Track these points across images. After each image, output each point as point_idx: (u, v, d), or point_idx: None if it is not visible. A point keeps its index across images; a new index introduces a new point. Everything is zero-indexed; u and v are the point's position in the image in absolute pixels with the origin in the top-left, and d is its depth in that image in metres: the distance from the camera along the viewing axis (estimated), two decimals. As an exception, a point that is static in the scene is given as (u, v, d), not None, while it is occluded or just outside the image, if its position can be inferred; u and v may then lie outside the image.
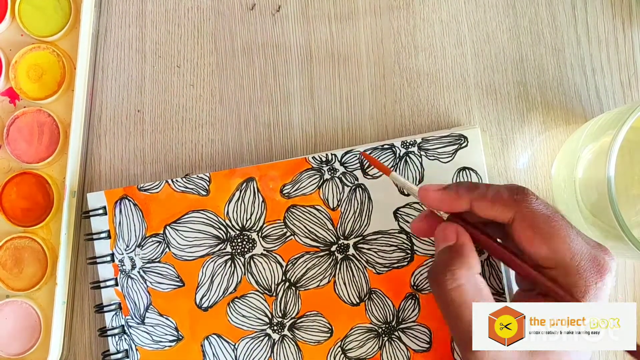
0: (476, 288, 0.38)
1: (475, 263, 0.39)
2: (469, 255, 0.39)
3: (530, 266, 0.38)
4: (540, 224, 0.37)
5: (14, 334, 0.49)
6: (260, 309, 0.48)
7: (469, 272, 0.38)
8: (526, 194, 0.38)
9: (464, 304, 0.37)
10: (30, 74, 0.51)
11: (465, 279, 0.38)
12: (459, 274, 0.38)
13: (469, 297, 0.37)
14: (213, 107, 0.52)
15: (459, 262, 0.38)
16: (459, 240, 0.39)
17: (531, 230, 0.37)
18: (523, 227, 0.37)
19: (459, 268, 0.38)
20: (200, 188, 0.49)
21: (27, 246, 0.50)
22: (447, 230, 0.40)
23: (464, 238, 0.39)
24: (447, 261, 0.39)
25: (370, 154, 0.48)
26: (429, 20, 0.51)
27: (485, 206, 0.39)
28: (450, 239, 0.40)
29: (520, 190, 0.38)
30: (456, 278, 0.38)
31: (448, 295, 0.38)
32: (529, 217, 0.37)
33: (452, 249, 0.39)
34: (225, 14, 0.53)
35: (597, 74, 0.49)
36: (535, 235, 0.37)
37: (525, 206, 0.37)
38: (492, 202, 0.38)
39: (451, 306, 0.38)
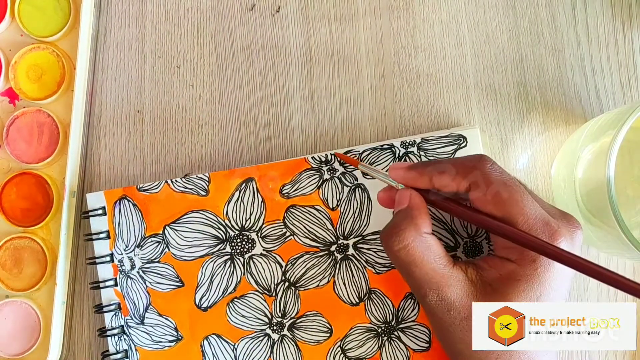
0: (425, 246, 0.39)
1: (423, 223, 0.40)
2: (416, 217, 0.40)
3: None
4: (494, 188, 0.38)
5: (13, 334, 0.49)
6: (259, 309, 0.48)
7: (416, 232, 0.39)
8: (482, 161, 0.39)
9: (412, 262, 0.39)
10: (30, 74, 0.51)
11: (411, 238, 0.39)
12: (405, 234, 0.39)
13: (416, 255, 0.39)
14: (213, 107, 0.52)
15: (405, 223, 0.40)
16: (410, 203, 0.41)
17: (485, 194, 0.38)
18: (477, 193, 0.39)
19: (405, 229, 0.39)
20: (199, 188, 0.49)
21: (26, 246, 0.50)
22: (402, 194, 0.42)
23: (416, 200, 0.41)
24: (396, 224, 0.40)
25: (370, 154, 0.48)
26: (428, 20, 0.51)
27: (444, 179, 0.40)
28: (404, 202, 0.41)
29: (476, 158, 0.40)
30: (402, 239, 0.39)
31: (397, 255, 0.39)
32: (483, 182, 0.38)
33: (403, 211, 0.41)
34: (225, 14, 0.53)
35: (597, 74, 0.50)
36: (488, 199, 0.38)
37: (479, 173, 0.39)
38: (450, 174, 0.40)
39: (401, 266, 0.40)
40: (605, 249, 0.46)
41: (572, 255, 0.35)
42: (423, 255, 0.39)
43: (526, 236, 0.37)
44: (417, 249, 0.39)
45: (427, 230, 0.40)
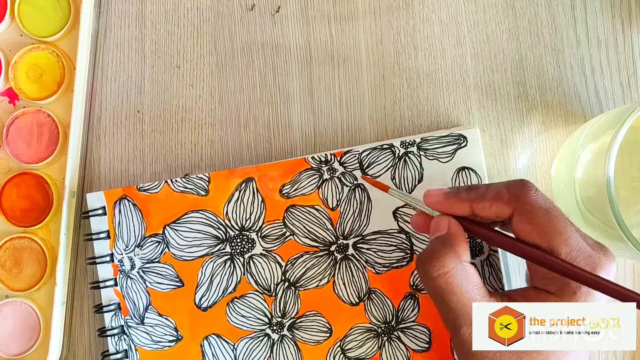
0: (464, 275, 0.38)
1: (464, 252, 0.39)
2: (457, 244, 0.39)
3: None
4: (538, 217, 0.37)
5: (13, 335, 0.49)
6: (259, 309, 0.48)
7: (456, 260, 0.38)
8: (525, 187, 0.38)
9: (450, 291, 0.38)
10: (30, 74, 0.51)
11: (451, 266, 0.38)
12: (445, 261, 0.38)
13: (455, 284, 0.37)
14: (212, 107, 0.52)
15: (445, 250, 0.38)
16: (449, 231, 0.40)
17: (529, 224, 0.37)
18: (521, 221, 0.38)
19: (445, 255, 0.38)
20: (199, 188, 0.49)
21: (26, 246, 0.50)
22: (440, 221, 0.40)
23: (455, 229, 0.40)
24: (435, 250, 0.39)
25: (370, 154, 0.48)
26: (428, 20, 0.51)
27: (484, 206, 0.39)
28: (442, 230, 0.40)
29: (519, 185, 0.38)
30: (442, 265, 0.38)
31: (434, 282, 0.38)
32: (527, 211, 0.37)
33: (441, 238, 0.40)
34: (225, 14, 0.53)
35: (597, 74, 0.50)
36: (533, 228, 0.37)
37: (523, 201, 0.38)
38: (491, 201, 0.39)
39: (438, 293, 0.38)
40: (605, 248, 0.46)
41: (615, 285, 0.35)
42: (462, 284, 0.37)
43: (571, 267, 0.36)
44: (457, 277, 0.38)
45: (466, 259, 0.39)
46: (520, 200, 0.38)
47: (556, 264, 0.36)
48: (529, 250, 0.37)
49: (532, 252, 0.37)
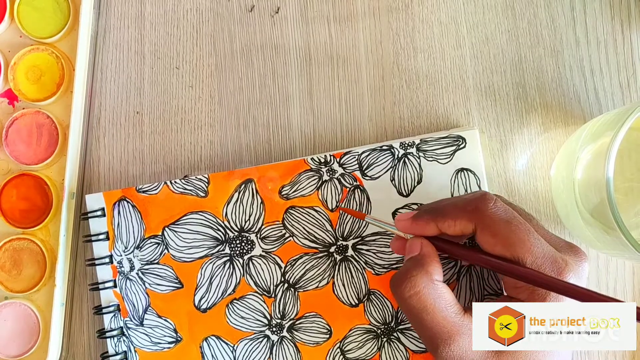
0: (436, 294, 0.39)
1: (435, 271, 0.40)
2: (428, 264, 0.40)
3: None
4: (500, 229, 0.38)
5: (12, 336, 0.49)
6: (259, 310, 0.48)
7: (427, 279, 0.39)
8: (483, 201, 0.39)
9: (423, 310, 0.38)
10: (29, 75, 0.51)
11: (422, 285, 0.39)
12: (417, 280, 0.39)
13: (428, 302, 0.38)
14: (212, 108, 0.52)
15: (417, 271, 0.39)
16: (421, 252, 0.41)
17: (491, 236, 0.38)
18: (484, 235, 0.39)
19: (416, 275, 0.39)
20: (199, 189, 0.49)
21: (25, 248, 0.50)
22: (413, 243, 0.42)
23: (427, 249, 0.41)
24: (407, 270, 0.40)
25: (369, 155, 0.48)
26: (427, 21, 0.51)
27: (449, 225, 0.40)
28: (415, 251, 0.41)
29: (478, 199, 0.39)
30: (414, 285, 0.39)
31: (407, 302, 0.39)
32: (487, 225, 0.38)
33: (414, 259, 0.41)
34: (224, 15, 0.53)
35: (596, 75, 0.50)
36: (496, 241, 0.38)
37: (483, 215, 0.39)
38: (453, 219, 0.40)
39: (412, 313, 0.39)
40: (604, 249, 0.46)
41: (581, 288, 0.36)
42: (435, 302, 0.38)
43: (536, 274, 0.37)
44: (429, 296, 0.38)
45: (438, 278, 0.40)
46: (480, 214, 0.39)
47: (522, 273, 0.37)
48: (495, 262, 0.38)
49: (498, 264, 0.38)
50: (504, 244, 0.38)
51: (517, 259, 0.37)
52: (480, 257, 0.39)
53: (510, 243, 0.38)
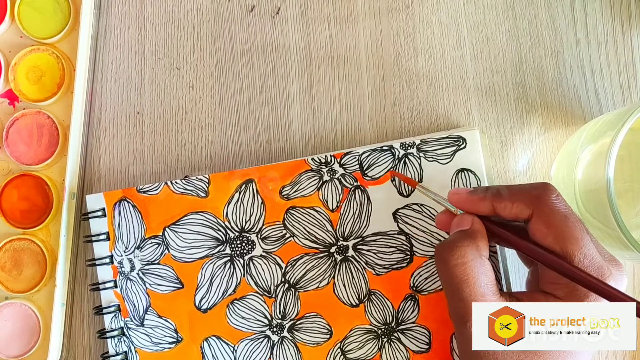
0: (481, 269, 0.38)
1: (484, 247, 0.39)
2: (478, 239, 0.39)
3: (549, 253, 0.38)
4: (556, 221, 0.37)
5: (13, 336, 0.49)
6: (259, 311, 0.48)
7: (476, 253, 0.38)
8: (546, 190, 0.38)
9: (465, 281, 0.38)
10: (30, 75, 0.51)
11: (470, 257, 0.38)
12: (466, 251, 0.38)
13: (471, 275, 0.38)
14: (212, 108, 0.52)
15: (467, 242, 0.39)
16: (472, 227, 0.40)
17: (546, 226, 0.38)
18: (539, 223, 0.38)
19: (466, 246, 0.38)
20: (199, 190, 0.49)
21: (26, 248, 0.50)
22: (463, 218, 0.41)
23: (478, 226, 0.40)
24: (456, 240, 0.39)
25: (369, 155, 0.48)
26: (428, 22, 0.51)
27: (506, 206, 0.39)
28: (465, 225, 0.40)
29: (541, 188, 0.39)
30: (462, 255, 0.38)
31: (451, 270, 0.38)
32: (545, 214, 0.38)
33: (464, 231, 0.40)
34: (225, 16, 0.53)
35: (597, 75, 0.50)
36: (549, 232, 0.37)
37: (543, 203, 0.38)
38: (512, 201, 0.39)
39: (452, 282, 0.38)
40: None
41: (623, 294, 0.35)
42: (478, 277, 0.38)
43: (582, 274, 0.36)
44: (475, 269, 0.38)
45: (485, 255, 0.39)
46: (541, 202, 0.38)
47: (568, 269, 0.36)
48: (544, 254, 0.38)
49: (546, 256, 0.37)
50: (557, 237, 0.37)
51: (566, 254, 0.37)
52: (530, 246, 0.38)
53: (563, 237, 0.37)
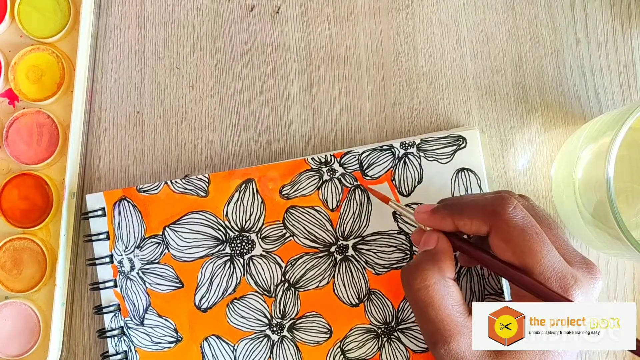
0: (446, 290, 0.38)
1: (448, 268, 0.39)
2: (442, 260, 0.39)
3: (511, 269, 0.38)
4: (513, 236, 0.37)
5: (13, 336, 0.49)
6: (259, 310, 0.48)
7: (439, 275, 0.39)
8: (503, 204, 0.38)
9: (430, 304, 0.38)
10: (30, 75, 0.51)
11: (433, 280, 0.38)
12: (427, 274, 0.39)
13: (435, 297, 0.38)
14: (212, 108, 0.52)
15: (429, 264, 0.39)
16: (437, 246, 0.40)
17: (504, 241, 0.38)
18: (497, 239, 0.38)
19: (428, 269, 0.39)
20: (199, 189, 0.49)
21: (26, 247, 0.50)
22: (429, 237, 0.41)
23: (443, 244, 0.40)
24: (419, 262, 0.40)
25: (369, 155, 0.48)
26: (428, 21, 0.51)
27: (465, 223, 0.39)
28: (430, 244, 0.41)
29: (497, 201, 0.39)
30: (424, 278, 0.38)
31: (415, 294, 0.39)
32: (502, 229, 0.38)
33: (428, 252, 0.40)
34: (225, 15, 0.53)
35: (596, 75, 0.50)
36: (507, 247, 0.38)
37: (500, 218, 0.38)
38: (470, 218, 0.39)
39: (418, 306, 0.39)
40: (604, 249, 0.46)
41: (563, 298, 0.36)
42: (442, 299, 0.38)
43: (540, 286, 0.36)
44: (438, 292, 0.38)
45: (450, 275, 0.39)
46: (497, 217, 0.38)
47: (527, 282, 0.37)
48: (503, 268, 0.38)
49: (505, 270, 0.38)
50: (514, 251, 0.37)
51: (526, 268, 0.37)
52: (491, 261, 0.39)
53: (520, 251, 0.37)
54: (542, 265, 0.37)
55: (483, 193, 0.43)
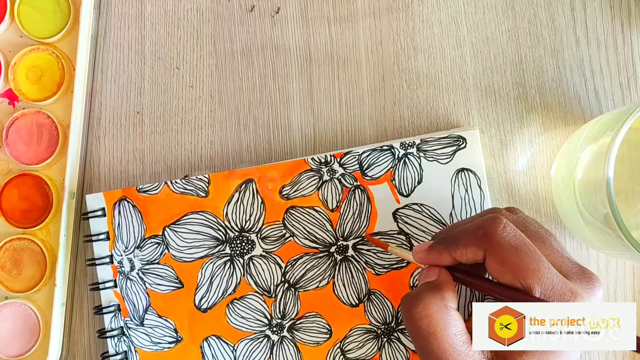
0: (448, 320, 0.37)
1: (450, 298, 0.39)
2: (444, 289, 0.39)
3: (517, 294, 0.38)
4: (509, 257, 0.37)
5: (13, 336, 0.49)
6: (259, 310, 0.48)
7: (441, 304, 0.38)
8: (493, 225, 0.38)
9: (432, 334, 0.37)
10: (30, 75, 0.51)
11: (436, 309, 0.38)
12: (430, 303, 0.38)
13: (438, 327, 0.37)
14: (212, 108, 0.52)
15: (431, 293, 0.38)
16: (438, 278, 0.40)
17: (500, 264, 0.37)
18: (493, 262, 0.37)
19: (430, 298, 0.38)
20: (199, 189, 0.49)
21: (26, 248, 0.50)
22: (430, 270, 0.41)
23: (444, 277, 0.40)
24: (421, 291, 0.39)
25: (369, 155, 0.48)
26: (428, 21, 0.51)
27: (462, 253, 0.39)
28: (431, 277, 0.40)
29: (487, 223, 0.38)
30: (426, 307, 0.38)
31: (417, 323, 0.38)
32: (496, 252, 0.37)
33: (430, 283, 0.40)
34: (225, 15, 0.53)
35: (596, 75, 0.50)
36: (505, 269, 0.37)
37: (492, 241, 0.37)
38: (464, 246, 0.39)
39: (420, 336, 0.38)
40: (604, 249, 0.46)
41: None
42: (445, 328, 0.37)
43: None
44: (440, 321, 0.37)
45: (452, 305, 0.39)
46: (489, 240, 0.37)
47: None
48: (507, 293, 0.37)
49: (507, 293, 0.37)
50: (513, 273, 0.36)
51: (527, 288, 0.36)
52: (494, 288, 0.38)
53: (518, 271, 0.36)
54: (541, 284, 0.36)
55: (471, 217, 0.43)
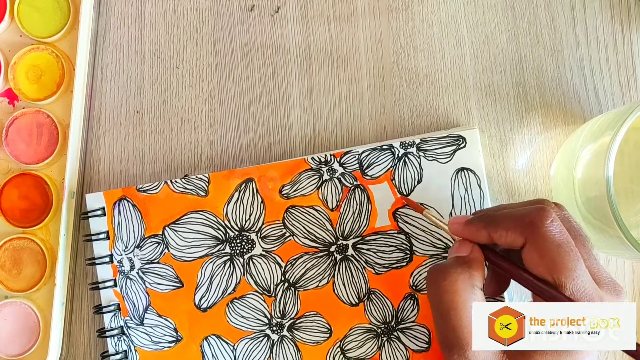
0: (472, 298, 0.37)
1: (479, 277, 0.38)
2: (474, 268, 0.38)
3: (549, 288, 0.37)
4: (549, 251, 0.36)
5: (13, 335, 0.49)
6: (259, 310, 0.48)
7: (468, 281, 0.38)
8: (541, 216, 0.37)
9: (453, 308, 0.37)
10: (29, 74, 0.51)
11: (462, 286, 0.37)
12: (458, 277, 0.38)
13: (461, 302, 0.37)
14: (212, 108, 0.52)
15: (461, 269, 0.38)
16: (470, 255, 0.40)
17: (539, 256, 0.37)
18: (531, 252, 0.37)
19: (460, 274, 0.38)
20: (199, 189, 0.49)
21: (26, 247, 0.50)
22: (462, 244, 0.40)
23: (476, 254, 0.40)
24: (451, 264, 0.39)
25: (369, 154, 0.48)
26: (428, 21, 0.51)
27: (501, 235, 0.38)
28: (463, 252, 0.40)
29: (535, 213, 0.38)
30: (454, 281, 0.37)
31: (441, 295, 0.38)
32: (538, 243, 0.37)
33: (460, 258, 0.39)
34: (224, 15, 0.53)
35: (596, 74, 0.50)
36: (542, 261, 0.37)
37: (537, 232, 0.37)
38: (506, 229, 0.38)
39: (440, 307, 0.38)
40: (604, 249, 0.46)
41: None
42: (466, 303, 0.37)
43: None
44: (463, 297, 0.37)
45: (478, 285, 0.38)
46: (534, 230, 0.37)
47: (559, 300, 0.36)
48: (538, 286, 0.37)
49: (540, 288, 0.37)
50: (548, 267, 0.36)
51: (559, 284, 0.36)
52: (525, 277, 0.38)
53: (555, 267, 0.36)
54: (573, 285, 0.36)
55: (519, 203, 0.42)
